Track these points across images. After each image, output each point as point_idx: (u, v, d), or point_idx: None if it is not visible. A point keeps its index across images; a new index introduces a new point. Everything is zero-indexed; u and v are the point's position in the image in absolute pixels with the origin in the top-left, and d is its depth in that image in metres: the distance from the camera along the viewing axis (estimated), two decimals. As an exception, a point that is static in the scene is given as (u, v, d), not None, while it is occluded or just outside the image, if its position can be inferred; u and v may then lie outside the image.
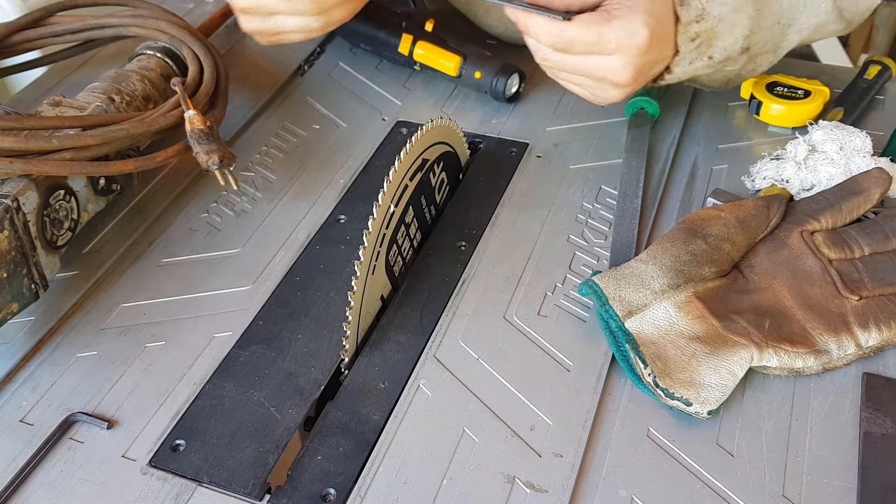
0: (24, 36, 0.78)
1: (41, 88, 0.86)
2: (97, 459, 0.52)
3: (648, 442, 0.51)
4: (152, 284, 0.63)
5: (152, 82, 0.72)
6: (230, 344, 0.58)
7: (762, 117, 0.75)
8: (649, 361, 0.53)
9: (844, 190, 0.62)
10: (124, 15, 0.78)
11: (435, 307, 0.60)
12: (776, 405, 0.53)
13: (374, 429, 0.52)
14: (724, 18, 0.59)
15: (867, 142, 0.66)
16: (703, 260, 0.58)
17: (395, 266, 0.61)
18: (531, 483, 0.49)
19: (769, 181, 0.67)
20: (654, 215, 0.67)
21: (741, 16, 0.60)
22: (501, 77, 0.78)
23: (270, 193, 0.71)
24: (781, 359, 0.53)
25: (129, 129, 0.62)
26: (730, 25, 0.60)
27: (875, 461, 0.49)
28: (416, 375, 0.55)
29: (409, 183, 0.60)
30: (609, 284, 0.57)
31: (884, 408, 0.52)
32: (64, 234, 0.62)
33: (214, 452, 0.51)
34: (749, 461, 0.50)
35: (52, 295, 0.62)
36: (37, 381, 0.57)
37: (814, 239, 0.60)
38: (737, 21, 0.60)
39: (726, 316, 0.55)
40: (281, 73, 0.85)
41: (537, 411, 0.53)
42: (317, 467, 0.50)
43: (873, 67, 0.78)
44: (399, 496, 0.49)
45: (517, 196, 0.69)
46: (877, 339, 0.54)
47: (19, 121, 0.59)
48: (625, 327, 0.55)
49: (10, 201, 0.56)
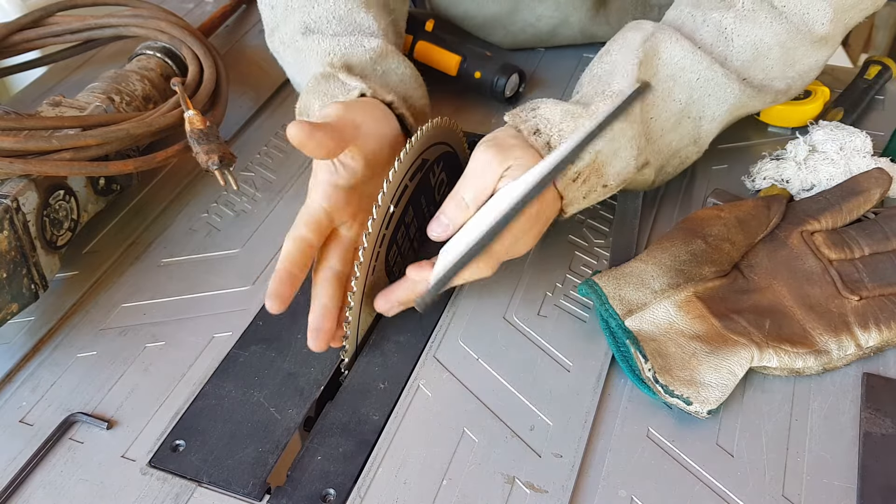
0: (24, 36, 0.79)
1: (41, 88, 0.86)
2: (97, 459, 0.52)
3: (648, 442, 0.51)
4: (152, 284, 0.63)
5: (152, 82, 0.72)
6: (230, 344, 0.58)
7: (762, 117, 0.75)
8: (650, 357, 0.53)
9: (844, 190, 0.62)
10: (124, 15, 0.79)
11: (435, 307, 0.60)
12: (776, 405, 0.53)
13: (373, 429, 0.52)
14: (601, 150, 0.57)
15: (867, 142, 0.66)
16: (703, 260, 0.58)
17: (395, 266, 0.61)
18: (531, 483, 0.49)
19: (769, 181, 0.67)
20: (654, 215, 0.67)
21: (622, 141, 0.58)
22: (501, 77, 0.78)
23: (270, 193, 0.71)
24: (781, 359, 0.53)
25: (129, 129, 0.63)
26: (612, 153, 0.57)
27: (875, 461, 0.49)
28: (416, 375, 0.55)
29: (408, 183, 0.60)
30: (609, 284, 0.57)
31: (884, 408, 0.52)
32: (64, 235, 0.62)
33: (214, 452, 0.51)
34: (749, 461, 0.50)
35: (52, 295, 0.62)
36: (37, 381, 0.57)
37: (814, 239, 0.60)
38: (618, 147, 0.58)
39: (726, 315, 0.55)
40: (281, 73, 0.85)
41: (537, 411, 0.53)
42: (316, 467, 0.50)
43: (873, 67, 0.78)
44: (399, 496, 0.49)
45: (517, 196, 0.69)
46: (877, 340, 0.54)
47: (19, 121, 0.59)
48: (625, 325, 0.55)
49: (9, 201, 0.56)
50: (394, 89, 0.63)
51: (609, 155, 0.57)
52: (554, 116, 0.57)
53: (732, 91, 0.62)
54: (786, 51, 0.62)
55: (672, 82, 0.61)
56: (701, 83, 0.61)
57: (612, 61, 0.61)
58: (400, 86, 0.64)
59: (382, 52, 0.64)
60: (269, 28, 0.71)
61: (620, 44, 0.62)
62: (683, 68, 0.61)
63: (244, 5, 0.97)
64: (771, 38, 0.62)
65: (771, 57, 0.62)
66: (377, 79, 0.63)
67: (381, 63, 0.64)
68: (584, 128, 0.52)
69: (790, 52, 0.63)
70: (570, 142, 0.51)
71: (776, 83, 0.64)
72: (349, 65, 0.63)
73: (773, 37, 0.61)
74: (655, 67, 0.61)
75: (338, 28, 0.65)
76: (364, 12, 0.66)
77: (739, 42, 0.62)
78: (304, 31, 0.65)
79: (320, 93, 0.61)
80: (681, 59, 0.61)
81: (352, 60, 0.63)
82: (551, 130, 0.57)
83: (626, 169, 0.59)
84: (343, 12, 0.65)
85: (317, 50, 0.64)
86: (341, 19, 0.65)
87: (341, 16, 0.65)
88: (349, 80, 0.60)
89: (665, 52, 0.61)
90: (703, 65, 0.61)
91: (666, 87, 0.61)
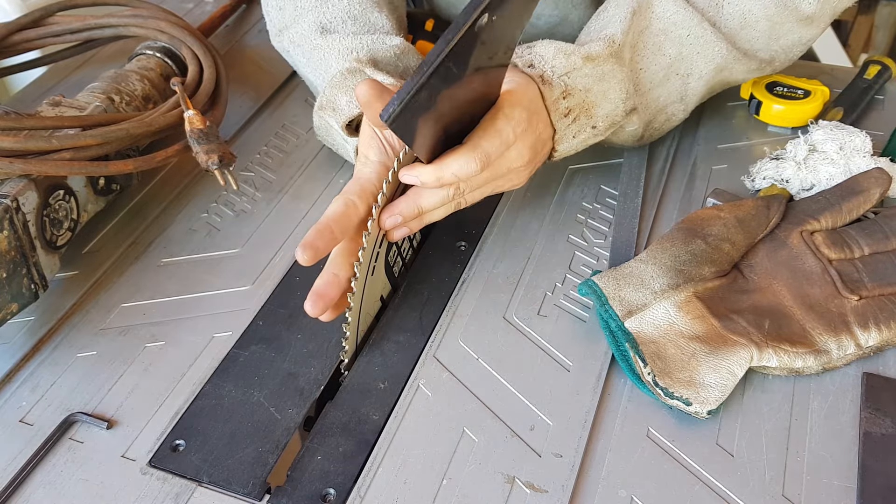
0: (24, 36, 0.79)
1: (41, 88, 0.86)
2: (97, 459, 0.52)
3: (648, 442, 0.51)
4: (152, 284, 0.63)
5: (152, 82, 0.72)
6: (230, 344, 0.58)
7: (762, 117, 0.75)
8: (649, 360, 0.53)
9: (844, 190, 0.62)
10: (124, 15, 0.79)
11: (435, 307, 0.60)
12: (776, 405, 0.53)
13: (373, 429, 0.52)
14: (591, 88, 0.61)
15: (867, 142, 0.66)
16: (703, 260, 0.58)
17: (394, 266, 0.61)
18: (531, 483, 0.49)
19: (769, 181, 0.67)
20: (654, 215, 0.67)
21: (611, 82, 0.62)
22: (501, 77, 0.77)
23: (270, 193, 0.71)
24: (781, 359, 0.53)
25: (128, 128, 0.62)
26: (601, 94, 0.61)
27: (875, 461, 0.49)
28: (416, 375, 0.55)
29: (409, 183, 0.60)
30: (609, 284, 0.57)
31: (884, 408, 0.52)
32: (64, 234, 0.62)
33: (214, 452, 0.51)
34: (749, 461, 0.50)
35: (52, 295, 0.62)
36: (37, 381, 0.57)
37: (814, 239, 0.60)
38: (607, 88, 0.62)
39: (726, 316, 0.55)
40: (281, 73, 0.85)
41: (537, 411, 0.53)
42: (316, 467, 0.50)
43: (873, 67, 0.78)
44: (399, 496, 0.49)
45: (517, 196, 0.69)
46: (877, 339, 0.54)
47: (19, 121, 0.59)
48: (624, 327, 0.55)
49: (9, 201, 0.56)
50: None
51: (598, 95, 0.61)
52: (547, 53, 0.61)
53: (720, 50, 0.65)
54: (772, 24, 0.65)
55: (663, 36, 0.64)
56: (691, 40, 0.64)
57: (608, 15, 0.64)
58: None
59: (404, 49, 0.67)
60: (276, 28, 0.73)
61: (616, 1, 0.65)
62: (675, 23, 0.64)
63: (244, 5, 0.97)
64: (759, 11, 0.64)
65: (758, 28, 0.65)
66: (401, 74, 0.66)
67: (402, 59, 0.67)
68: None
69: (776, 26, 0.66)
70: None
71: (760, 53, 0.68)
72: (375, 60, 0.65)
73: (762, 9, 0.64)
74: (648, 20, 0.64)
75: (354, 27, 0.67)
76: (378, 12, 0.69)
77: (729, 10, 0.65)
78: (321, 31, 0.67)
79: (347, 87, 0.63)
80: (673, 13, 0.64)
81: (377, 56, 0.66)
82: (545, 65, 0.60)
83: (614, 111, 0.63)
84: (357, 12, 0.68)
85: (338, 48, 0.66)
86: (356, 19, 0.68)
87: (356, 15, 0.68)
88: (376, 75, 0.63)
89: (658, 7, 0.64)
90: (693, 21, 0.64)
91: (657, 40, 0.64)
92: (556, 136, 0.61)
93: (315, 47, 0.68)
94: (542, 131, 0.59)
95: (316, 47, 0.68)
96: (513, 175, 0.58)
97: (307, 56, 0.69)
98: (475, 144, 0.54)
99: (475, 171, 0.54)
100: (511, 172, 0.58)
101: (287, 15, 0.70)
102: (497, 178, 0.57)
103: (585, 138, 0.63)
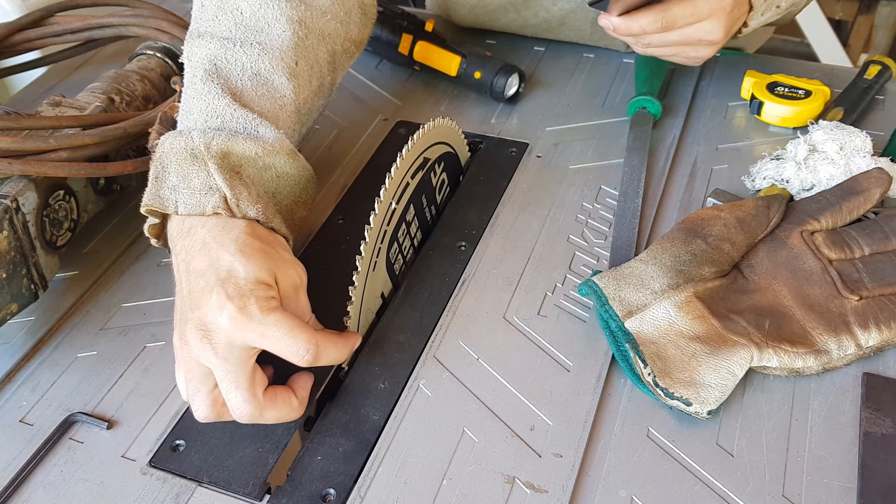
0: (24, 36, 0.79)
1: (41, 88, 0.86)
2: (97, 459, 0.52)
3: (648, 442, 0.51)
4: (152, 284, 0.63)
5: (152, 82, 0.72)
6: (230, 344, 0.58)
7: (762, 117, 0.75)
8: (649, 361, 0.53)
9: (844, 190, 0.62)
10: (124, 15, 0.79)
11: (435, 307, 0.60)
12: (776, 405, 0.53)
13: (374, 429, 0.52)
14: None
15: (867, 142, 0.66)
16: (703, 260, 0.58)
17: (395, 264, 0.61)
18: (531, 483, 0.49)
19: (769, 181, 0.67)
20: (654, 215, 0.67)
21: None
22: (501, 77, 0.78)
23: (270, 193, 0.71)
24: (781, 359, 0.53)
25: (126, 127, 0.62)
26: None
27: (875, 461, 0.49)
28: (416, 375, 0.55)
29: (410, 181, 0.60)
30: (609, 284, 0.57)
31: (884, 408, 0.52)
32: (63, 235, 0.62)
33: (214, 452, 0.51)
34: (749, 461, 0.50)
35: (52, 295, 0.62)
36: (37, 381, 0.57)
37: (814, 239, 0.60)
38: None
39: (726, 316, 0.55)
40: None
41: (537, 411, 0.53)
42: (317, 467, 0.50)
43: (873, 67, 0.78)
44: (399, 496, 0.49)
45: (517, 196, 0.69)
46: (877, 339, 0.54)
47: (18, 121, 0.59)
48: (625, 327, 0.55)
49: (9, 202, 0.56)
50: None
51: None
52: None
53: None
54: None
55: None
56: None
57: None
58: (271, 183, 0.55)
59: (276, 147, 0.54)
60: (193, 29, 0.60)
61: None
62: None
63: (244, 5, 0.96)
64: None
65: None
66: (253, 181, 0.54)
67: (264, 160, 0.54)
68: None
69: None
70: None
71: None
72: (227, 154, 0.52)
73: None
74: None
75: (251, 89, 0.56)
76: (285, 77, 0.57)
77: None
78: (209, 74, 0.55)
79: (184, 187, 0.51)
80: None
81: (233, 152, 0.52)
82: None
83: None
84: (264, 68, 0.56)
85: (206, 112, 0.54)
86: (258, 76, 0.56)
87: (259, 72, 0.56)
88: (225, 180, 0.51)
89: None
90: None
91: None
92: (750, 13, 0.67)
93: (192, 86, 0.55)
94: (739, 11, 0.65)
95: (194, 89, 0.55)
96: (702, 47, 0.66)
97: (186, 89, 0.56)
98: (667, 7, 0.62)
99: (657, 29, 0.62)
100: (701, 44, 0.65)
101: (204, 20, 0.58)
102: (687, 44, 0.65)
103: (768, 17, 0.70)
